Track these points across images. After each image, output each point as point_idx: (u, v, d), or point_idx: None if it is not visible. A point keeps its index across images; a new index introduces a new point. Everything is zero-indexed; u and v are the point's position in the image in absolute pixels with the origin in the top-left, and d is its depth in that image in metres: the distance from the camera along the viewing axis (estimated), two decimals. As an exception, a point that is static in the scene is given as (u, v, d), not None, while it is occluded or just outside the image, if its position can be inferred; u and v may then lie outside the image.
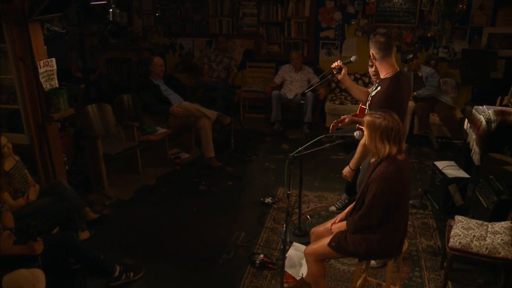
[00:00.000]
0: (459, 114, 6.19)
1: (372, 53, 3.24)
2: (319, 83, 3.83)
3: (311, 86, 4.35)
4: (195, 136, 5.97)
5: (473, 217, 3.46)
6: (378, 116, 2.63)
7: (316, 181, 5.18)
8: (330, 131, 4.14)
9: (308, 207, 4.58)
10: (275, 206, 4.58)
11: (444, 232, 3.99)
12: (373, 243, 2.69)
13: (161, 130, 5.40)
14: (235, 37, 7.72)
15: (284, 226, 3.75)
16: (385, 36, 3.16)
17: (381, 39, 3.15)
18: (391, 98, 3.15)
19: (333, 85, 7.28)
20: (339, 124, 3.97)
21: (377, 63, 3.27)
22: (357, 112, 4.05)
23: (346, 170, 3.57)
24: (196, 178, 5.23)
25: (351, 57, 3.49)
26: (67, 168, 4.41)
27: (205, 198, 4.80)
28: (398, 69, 3.26)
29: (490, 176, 3.98)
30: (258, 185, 5.11)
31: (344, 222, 2.85)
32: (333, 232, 2.90)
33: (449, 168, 4.41)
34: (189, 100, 5.75)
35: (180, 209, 4.54)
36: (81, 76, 6.27)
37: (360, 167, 3.80)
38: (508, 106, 5.18)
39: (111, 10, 4.50)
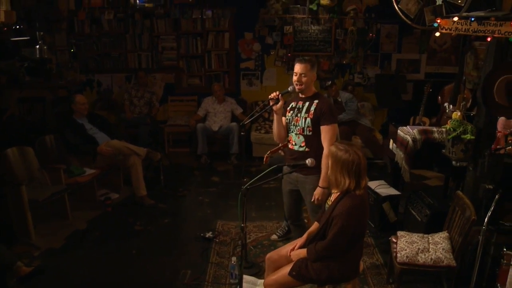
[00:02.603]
0: (378, 135, 6.58)
1: (314, 76, 3.49)
2: (257, 115, 3.86)
3: (249, 118, 4.32)
4: (123, 174, 5.73)
5: (409, 231, 3.65)
6: (341, 148, 2.71)
7: (253, 211, 5.17)
8: (264, 162, 4.20)
9: (249, 238, 4.54)
10: (217, 240, 4.49)
11: (383, 248, 4.19)
12: (335, 270, 2.74)
13: (89, 171, 5.11)
14: (155, 71, 7.61)
15: (233, 260, 3.77)
16: None
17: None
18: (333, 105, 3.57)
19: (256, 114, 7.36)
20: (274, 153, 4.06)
21: (308, 84, 3.47)
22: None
23: (318, 192, 3.30)
24: (130, 218, 4.99)
25: (288, 87, 3.57)
26: (-15, 220, 4.02)
27: (143, 238, 4.58)
28: None
29: (419, 191, 4.25)
30: (195, 220, 4.99)
31: (303, 250, 2.87)
32: (291, 259, 2.91)
33: (381, 187, 4.63)
34: (116, 138, 5.53)
35: (119, 253, 4.28)
36: (-11, 117, 5.81)
37: (283, 191, 3.80)
38: (420, 125, 5.62)
39: (38, 46, 4.21)
